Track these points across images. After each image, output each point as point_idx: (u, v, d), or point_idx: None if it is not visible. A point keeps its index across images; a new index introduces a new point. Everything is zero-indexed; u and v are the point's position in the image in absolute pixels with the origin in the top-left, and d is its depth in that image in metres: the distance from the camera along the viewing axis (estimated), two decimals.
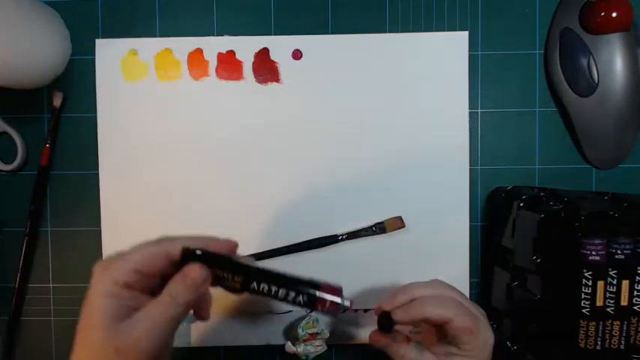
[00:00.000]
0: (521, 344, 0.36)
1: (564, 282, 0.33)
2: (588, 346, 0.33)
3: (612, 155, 0.39)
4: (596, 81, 0.37)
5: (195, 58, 0.40)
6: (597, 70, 0.37)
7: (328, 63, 0.39)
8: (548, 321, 0.34)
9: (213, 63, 0.40)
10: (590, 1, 0.38)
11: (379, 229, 0.39)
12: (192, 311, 0.40)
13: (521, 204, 0.36)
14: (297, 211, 0.40)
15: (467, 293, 0.40)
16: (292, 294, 0.26)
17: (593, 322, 0.33)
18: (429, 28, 0.40)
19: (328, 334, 0.39)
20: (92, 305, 0.24)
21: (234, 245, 0.29)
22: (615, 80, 0.37)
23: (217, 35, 0.40)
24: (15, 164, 0.40)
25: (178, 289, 0.25)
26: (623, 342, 0.34)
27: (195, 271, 0.26)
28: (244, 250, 0.40)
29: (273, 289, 0.26)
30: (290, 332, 0.40)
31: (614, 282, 0.33)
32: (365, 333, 0.40)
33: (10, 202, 0.40)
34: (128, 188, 0.40)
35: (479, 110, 0.40)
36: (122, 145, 0.40)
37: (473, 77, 0.40)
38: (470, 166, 0.40)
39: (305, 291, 0.26)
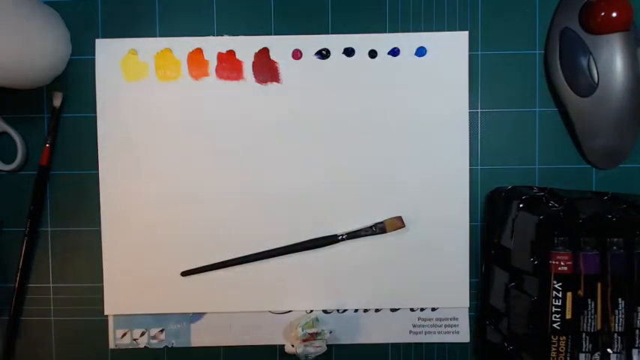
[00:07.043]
0: (517, 344, 0.36)
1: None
2: None
3: (612, 155, 0.39)
4: (596, 81, 0.37)
5: (195, 58, 0.40)
6: (597, 70, 0.37)
7: (328, 63, 0.39)
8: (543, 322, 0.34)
9: (213, 63, 0.40)
10: (590, 1, 0.38)
11: (379, 229, 0.39)
12: (191, 311, 0.40)
13: (521, 205, 0.36)
14: (297, 211, 0.40)
15: (467, 293, 0.40)
16: None
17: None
18: (429, 28, 0.40)
19: (328, 334, 0.39)
20: None
21: None
22: (615, 80, 0.37)
23: (217, 35, 0.40)
24: (15, 164, 0.40)
25: None
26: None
27: None
28: (244, 250, 0.40)
29: None
30: (290, 332, 0.40)
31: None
32: (365, 333, 0.40)
33: (10, 202, 0.40)
34: (128, 188, 0.40)
35: (479, 110, 0.40)
36: (122, 145, 0.40)
37: (473, 77, 0.40)
38: (470, 166, 0.40)
39: None
